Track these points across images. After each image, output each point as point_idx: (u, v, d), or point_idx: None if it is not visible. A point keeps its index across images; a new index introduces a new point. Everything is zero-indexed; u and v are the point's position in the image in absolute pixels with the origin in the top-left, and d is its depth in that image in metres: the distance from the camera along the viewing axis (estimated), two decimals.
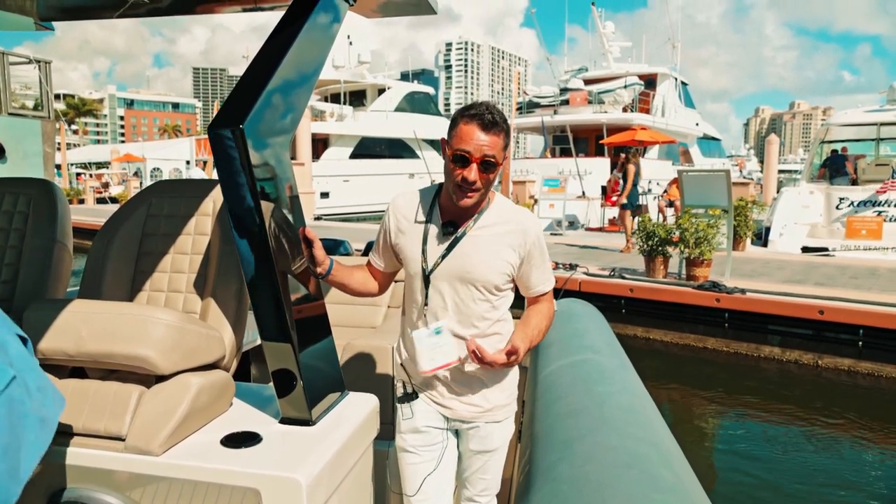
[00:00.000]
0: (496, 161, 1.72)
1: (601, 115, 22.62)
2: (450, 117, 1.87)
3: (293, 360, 1.74)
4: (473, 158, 1.70)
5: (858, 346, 6.79)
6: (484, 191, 1.77)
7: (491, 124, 1.70)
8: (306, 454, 1.61)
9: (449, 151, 1.74)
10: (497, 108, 1.75)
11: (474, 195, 1.74)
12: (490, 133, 1.70)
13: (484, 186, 1.74)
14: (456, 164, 1.72)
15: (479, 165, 1.70)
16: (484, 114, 1.71)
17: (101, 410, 1.62)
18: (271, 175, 1.70)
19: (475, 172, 1.71)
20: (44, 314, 1.65)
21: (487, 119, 1.70)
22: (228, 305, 1.95)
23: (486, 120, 1.70)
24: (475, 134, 1.70)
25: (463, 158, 1.70)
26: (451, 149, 1.73)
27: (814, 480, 4.77)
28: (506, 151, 1.78)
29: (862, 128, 15.01)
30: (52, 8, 2.51)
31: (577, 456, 2.02)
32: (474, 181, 1.71)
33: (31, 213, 2.39)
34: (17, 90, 10.67)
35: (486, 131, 1.70)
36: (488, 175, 1.73)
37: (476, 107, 1.74)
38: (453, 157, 1.72)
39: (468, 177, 1.71)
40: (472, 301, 1.84)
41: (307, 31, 1.81)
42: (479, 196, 1.76)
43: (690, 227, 7.77)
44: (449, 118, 2.21)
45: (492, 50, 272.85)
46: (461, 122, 1.73)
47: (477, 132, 1.70)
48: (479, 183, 1.72)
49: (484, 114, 1.71)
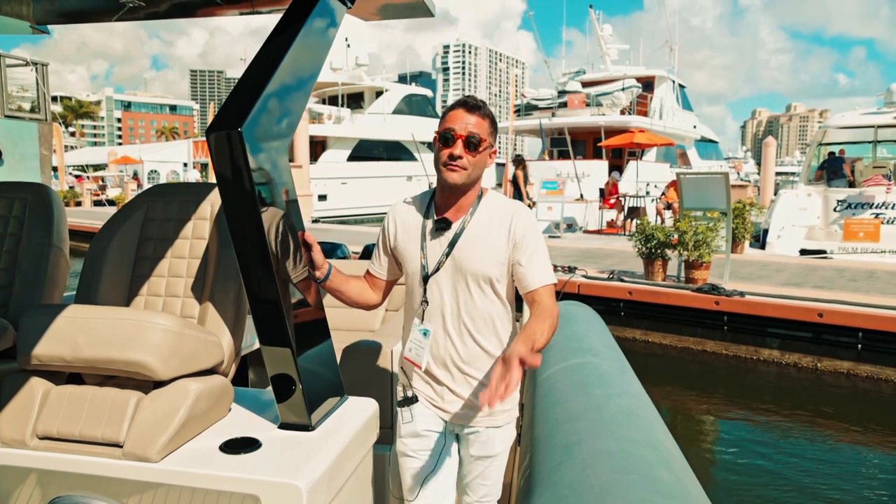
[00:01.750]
0: (480, 139, 1.77)
1: (599, 118, 22.63)
2: None
3: (292, 365, 1.72)
4: (457, 135, 1.76)
5: (858, 348, 6.79)
6: (471, 171, 1.78)
7: (474, 107, 1.79)
8: (306, 460, 1.60)
9: (436, 135, 1.81)
10: (482, 100, 1.83)
11: (459, 170, 1.77)
12: (474, 114, 1.78)
13: (471, 165, 1.78)
14: (442, 144, 1.79)
15: (464, 142, 1.76)
16: (468, 100, 1.81)
17: (99, 417, 1.60)
18: (270, 178, 1.68)
19: (460, 148, 1.77)
20: (40, 320, 1.63)
21: (471, 103, 1.79)
22: (227, 310, 1.93)
23: (469, 104, 1.79)
24: (459, 114, 1.78)
25: (448, 137, 1.77)
26: (437, 132, 1.80)
27: (814, 483, 4.76)
28: (492, 139, 1.81)
29: (859, 130, 15.03)
30: (48, 11, 2.49)
31: (578, 461, 2.01)
32: (459, 156, 1.76)
33: (26, 218, 2.38)
34: (14, 92, 10.64)
35: (470, 112, 1.78)
36: (473, 154, 1.77)
37: (462, 97, 1.84)
38: (440, 137, 1.79)
39: (453, 152, 1.76)
40: (470, 296, 1.84)
41: (305, 33, 1.80)
42: (465, 175, 1.78)
43: (689, 230, 7.77)
44: None
45: (489, 52, 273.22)
46: (448, 111, 1.83)
47: (461, 113, 1.78)
48: (464, 159, 1.76)
49: (468, 100, 1.81)
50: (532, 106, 25.12)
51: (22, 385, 1.67)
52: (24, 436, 1.61)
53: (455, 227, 1.84)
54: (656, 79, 26.20)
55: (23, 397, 1.65)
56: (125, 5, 2.24)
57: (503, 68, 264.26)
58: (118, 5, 2.25)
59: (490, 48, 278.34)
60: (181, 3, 2.30)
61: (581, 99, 23.93)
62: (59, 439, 1.61)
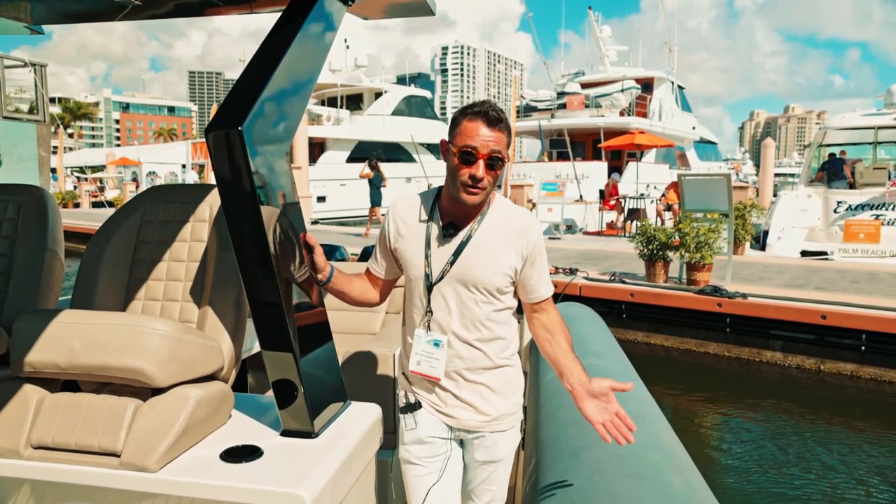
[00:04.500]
0: (502, 157, 1.70)
1: (598, 119, 22.65)
2: (447, 121, 1.84)
3: (294, 370, 1.68)
4: (480, 155, 1.67)
5: (861, 350, 6.76)
6: (489, 189, 1.73)
7: (496, 121, 1.68)
8: (309, 468, 1.56)
9: (454, 149, 1.70)
10: (499, 107, 1.73)
11: (480, 192, 1.70)
12: (495, 129, 1.68)
13: (490, 184, 1.72)
14: (462, 163, 1.68)
15: (486, 162, 1.68)
16: (488, 111, 1.68)
17: (95, 425, 1.56)
18: (271, 179, 1.64)
19: (482, 169, 1.68)
20: (34, 325, 1.59)
21: (492, 116, 1.68)
22: (226, 314, 1.89)
23: (490, 117, 1.67)
24: (480, 130, 1.67)
25: (469, 155, 1.67)
26: (457, 147, 1.69)
27: (817, 486, 4.73)
28: (508, 150, 1.75)
29: (859, 132, 15.04)
30: (43, 12, 2.45)
31: (586, 466, 1.98)
32: (482, 178, 1.68)
33: (20, 221, 2.34)
34: (13, 94, 10.61)
35: (491, 128, 1.67)
36: (495, 172, 1.71)
37: (479, 105, 1.71)
38: (459, 154, 1.68)
39: (476, 174, 1.67)
40: (475, 304, 1.79)
41: (305, 30, 1.77)
42: (484, 194, 1.72)
43: (691, 232, 7.74)
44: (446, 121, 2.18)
45: (487, 54, 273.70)
46: (464, 119, 1.70)
47: (482, 128, 1.67)
48: (486, 180, 1.69)
49: (488, 111, 1.68)
50: (531, 107, 25.13)
51: (15, 392, 1.62)
52: (17, 445, 1.57)
53: (462, 234, 1.79)
54: (655, 80, 26.24)
55: (16, 405, 1.61)
56: (122, 5, 2.20)
57: (501, 70, 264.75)
58: (115, 5, 2.21)
59: (488, 50, 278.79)
60: (179, 4, 2.26)
61: (580, 100, 23.95)
62: (55, 448, 1.57)
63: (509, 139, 1.73)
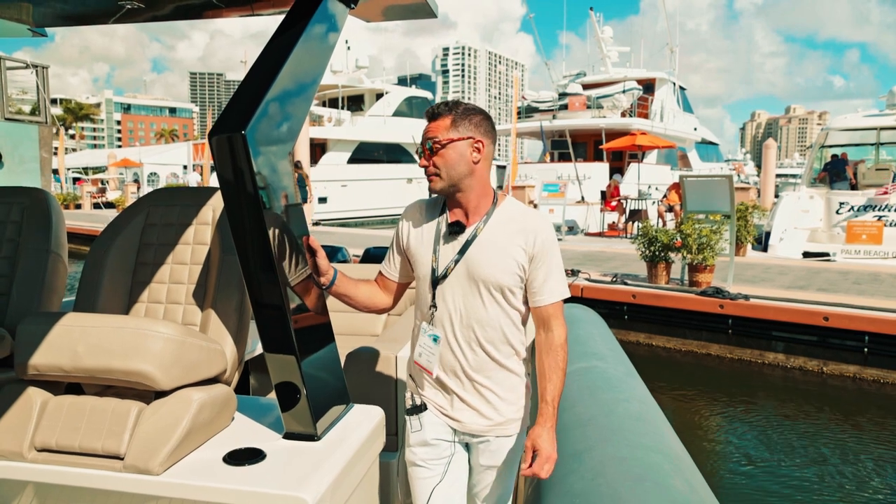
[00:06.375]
0: (435, 140, 1.76)
1: (600, 120, 22.62)
2: None
3: (297, 373, 1.68)
4: (423, 147, 1.79)
5: (864, 352, 6.74)
6: (445, 173, 1.76)
7: (435, 115, 1.78)
8: (312, 471, 1.56)
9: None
10: (454, 101, 1.83)
11: (435, 179, 1.78)
12: (434, 120, 1.78)
13: (441, 168, 1.76)
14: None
15: (425, 150, 1.77)
16: (433, 108, 1.80)
17: (99, 428, 1.56)
18: (273, 182, 1.65)
19: (422, 159, 1.78)
20: (38, 328, 1.59)
21: (434, 111, 1.79)
22: (229, 317, 1.89)
23: (431, 112, 1.80)
24: (425, 127, 1.81)
25: (419, 153, 1.81)
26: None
27: (820, 488, 4.72)
28: (457, 133, 1.75)
29: (861, 132, 15.01)
30: (46, 14, 2.46)
31: (588, 468, 1.97)
32: (425, 165, 1.78)
33: (24, 223, 2.34)
34: (15, 95, 10.62)
35: (431, 121, 1.79)
36: (437, 156, 1.76)
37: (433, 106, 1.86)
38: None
39: (422, 163, 1.79)
40: (482, 305, 1.79)
41: (308, 33, 1.77)
42: (442, 182, 1.78)
43: (693, 233, 7.73)
44: None
45: (488, 54, 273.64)
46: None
47: (426, 125, 1.81)
48: (431, 167, 1.77)
49: (433, 108, 1.80)
50: (532, 108, 25.11)
51: (19, 395, 1.63)
52: (21, 448, 1.57)
53: (468, 232, 1.81)
54: (657, 81, 26.21)
55: (20, 408, 1.61)
56: (123, 7, 2.20)
57: (502, 70, 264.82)
58: (116, 7, 2.21)
59: (489, 50, 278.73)
60: (180, 5, 2.26)
61: (582, 101, 23.93)
62: (58, 451, 1.57)
63: (457, 121, 1.75)
